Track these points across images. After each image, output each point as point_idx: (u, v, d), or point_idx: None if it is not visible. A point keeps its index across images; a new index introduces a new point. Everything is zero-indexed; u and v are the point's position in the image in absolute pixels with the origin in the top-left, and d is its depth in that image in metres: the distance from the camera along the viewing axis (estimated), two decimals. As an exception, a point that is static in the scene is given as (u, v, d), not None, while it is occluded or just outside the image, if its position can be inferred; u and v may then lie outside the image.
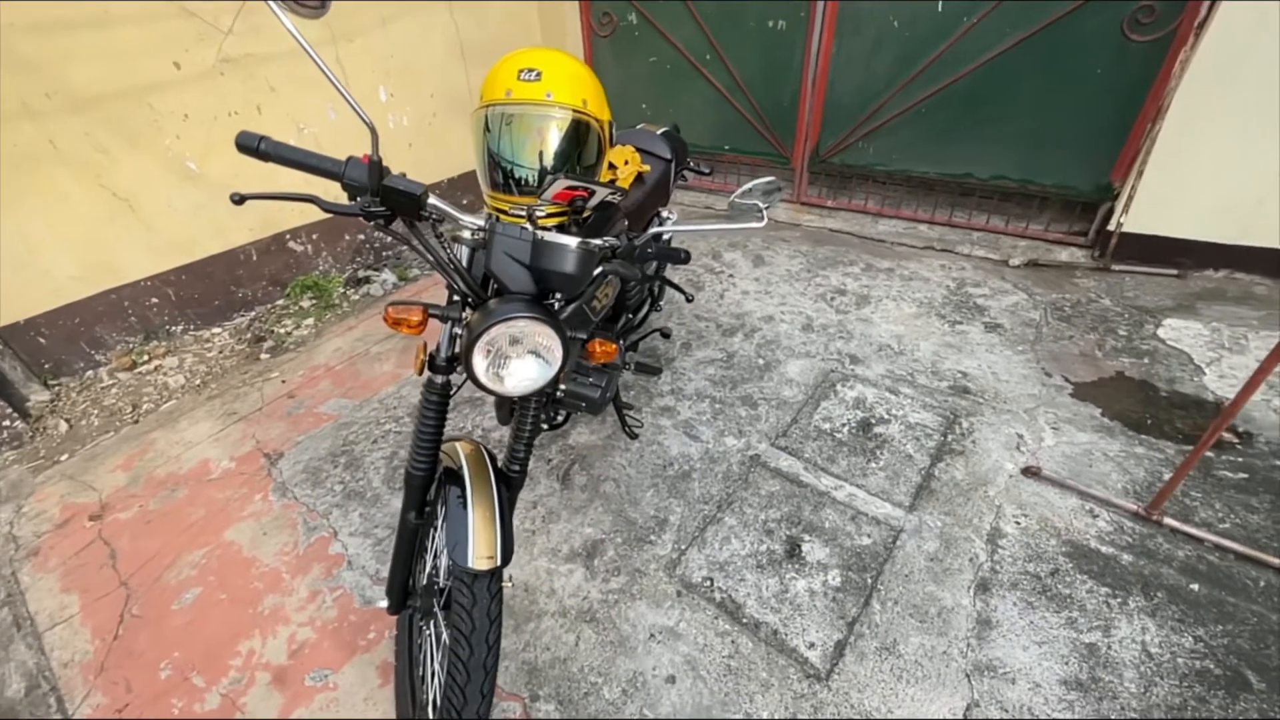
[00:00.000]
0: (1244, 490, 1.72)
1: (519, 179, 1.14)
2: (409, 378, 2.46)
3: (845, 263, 3.12)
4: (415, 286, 3.19)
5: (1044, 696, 1.30)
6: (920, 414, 2.08)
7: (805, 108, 3.29)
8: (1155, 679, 1.31)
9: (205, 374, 2.57)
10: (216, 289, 2.81)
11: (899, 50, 2.93)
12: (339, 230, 3.19)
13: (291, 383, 2.49)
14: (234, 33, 2.55)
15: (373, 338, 2.75)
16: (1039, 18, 2.58)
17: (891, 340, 2.48)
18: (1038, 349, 2.37)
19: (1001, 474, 1.83)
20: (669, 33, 3.47)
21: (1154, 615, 1.43)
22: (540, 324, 0.94)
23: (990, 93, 2.81)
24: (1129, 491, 1.74)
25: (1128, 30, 2.44)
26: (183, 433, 2.24)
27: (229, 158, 2.67)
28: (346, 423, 2.24)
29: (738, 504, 1.80)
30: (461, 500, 1.05)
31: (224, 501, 1.93)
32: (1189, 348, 2.29)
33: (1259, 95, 2.25)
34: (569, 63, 1.14)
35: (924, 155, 3.13)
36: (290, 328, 2.85)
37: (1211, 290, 2.61)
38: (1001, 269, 2.95)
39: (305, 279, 3.03)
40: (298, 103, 2.83)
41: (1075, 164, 2.78)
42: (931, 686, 1.33)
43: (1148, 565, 1.54)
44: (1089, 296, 2.68)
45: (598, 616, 1.51)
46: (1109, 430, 1.96)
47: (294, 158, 0.91)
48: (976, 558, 1.59)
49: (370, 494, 1.92)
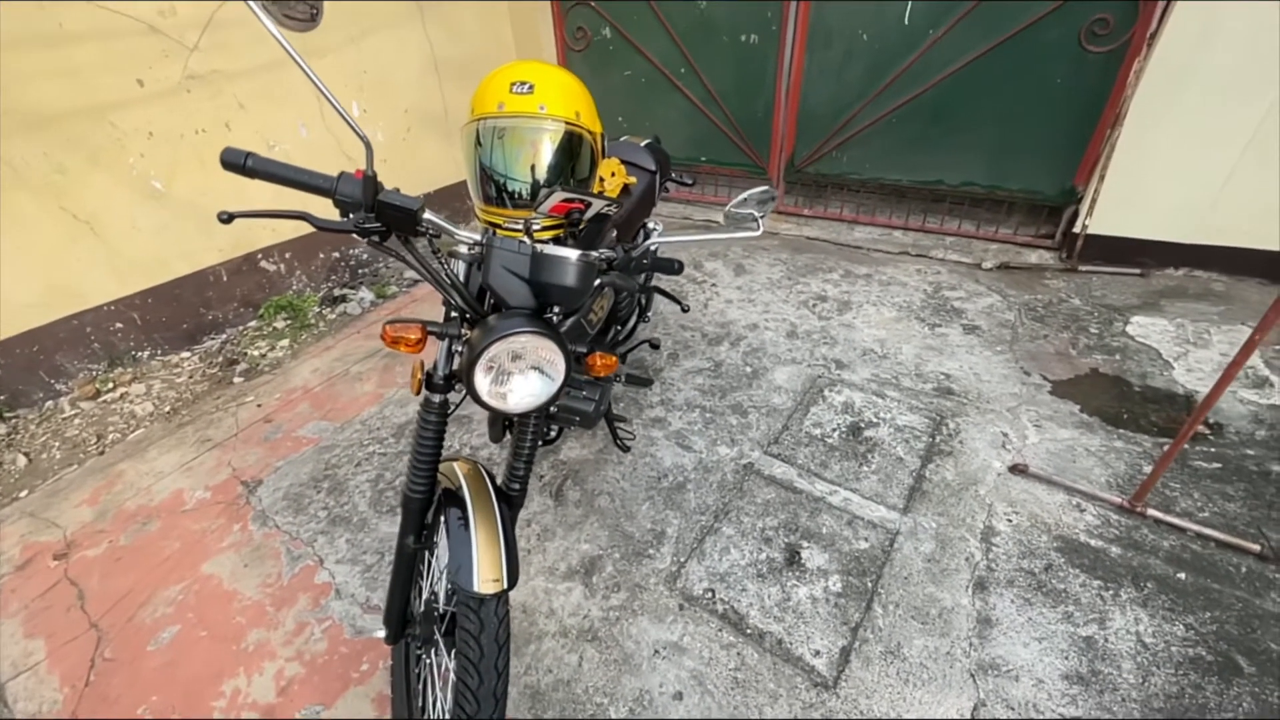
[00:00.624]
0: (1219, 479, 1.78)
1: (512, 192, 1.13)
2: (391, 397, 2.40)
3: (824, 270, 3.16)
4: (394, 304, 3.13)
5: (1047, 692, 1.31)
6: (908, 416, 2.11)
7: (780, 119, 3.35)
8: (1152, 669, 1.34)
9: (175, 400, 2.47)
10: (185, 312, 2.71)
11: (869, 62, 3.01)
12: (313, 248, 3.11)
13: (268, 407, 2.40)
14: (200, 49, 2.48)
15: (352, 357, 2.69)
16: (1001, 30, 2.68)
17: (875, 344, 2.52)
18: (1015, 349, 2.43)
19: (990, 473, 1.87)
20: (643, 47, 3.50)
21: (1145, 605, 1.46)
22: (543, 338, 0.92)
23: (957, 102, 2.90)
24: (1112, 485, 1.79)
25: (1085, 41, 2.55)
26: (153, 463, 2.15)
27: (196, 176, 2.59)
28: (328, 446, 2.17)
29: (734, 513, 1.79)
30: (463, 522, 1.01)
31: (200, 533, 1.85)
32: (1157, 343, 2.38)
33: (1209, 101, 2.37)
34: (561, 75, 1.14)
35: (896, 163, 3.21)
36: (264, 350, 2.76)
37: (1173, 288, 2.72)
38: (975, 272, 3.03)
39: (279, 299, 2.94)
40: (268, 119, 2.77)
41: (1040, 169, 2.88)
42: (938, 688, 1.33)
43: (1135, 556, 1.58)
44: (1059, 297, 2.77)
45: (600, 635, 1.48)
46: (1089, 426, 2.02)
47: (283, 174, 0.88)
48: (972, 557, 1.61)
49: (356, 519, 1.86)
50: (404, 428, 2.22)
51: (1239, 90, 2.31)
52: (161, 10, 2.34)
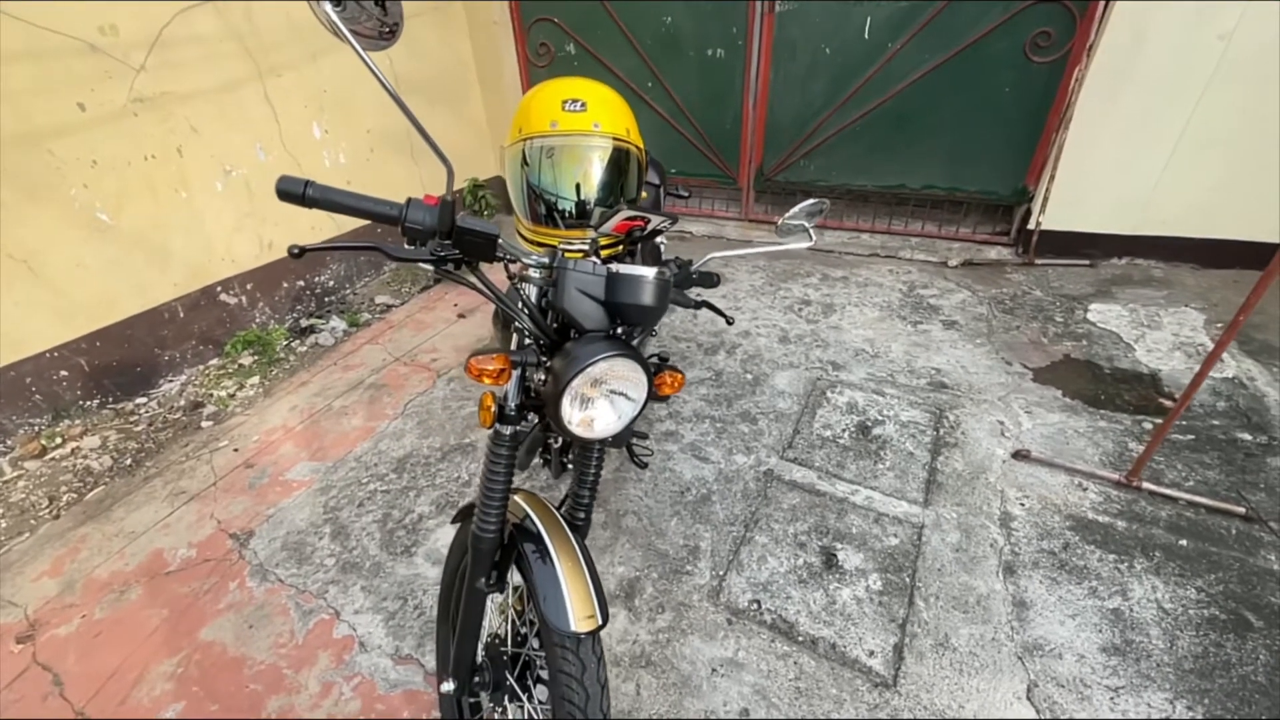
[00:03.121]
0: (1195, 450, 1.94)
1: (563, 211, 1.09)
2: (384, 430, 2.27)
3: (802, 274, 3.25)
4: (369, 332, 2.98)
5: (1090, 666, 1.37)
6: (910, 412, 2.19)
7: (748, 130, 3.43)
8: (1176, 632, 1.43)
9: (136, 452, 2.25)
10: (138, 354, 2.48)
11: (832, 74, 3.13)
12: (276, 277, 2.93)
13: (246, 450, 2.23)
14: (147, 69, 2.30)
15: (332, 391, 2.53)
16: (954, 43, 2.85)
17: (865, 344, 2.60)
18: (993, 340, 2.57)
19: (995, 460, 1.95)
20: (610, 62, 3.51)
21: (1158, 574, 1.56)
22: (630, 360, 0.89)
23: (916, 111, 3.06)
24: (1105, 462, 1.91)
25: (1030, 53, 2.75)
26: (120, 523, 1.94)
27: (146, 206, 2.39)
28: (323, 487, 2.03)
29: (764, 521, 1.79)
30: (541, 557, 0.96)
31: (191, 596, 1.68)
32: (1116, 328, 2.57)
33: (1143, 104, 2.60)
34: (607, 92, 1.12)
35: (861, 169, 3.35)
36: (232, 389, 2.56)
37: (1120, 276, 2.96)
38: (943, 270, 3.20)
39: (245, 334, 2.74)
40: (223, 143, 2.59)
41: (994, 171, 3.07)
42: (991, 675, 1.37)
43: (1140, 528, 1.69)
44: (1022, 289, 2.95)
45: (653, 659, 1.44)
46: (1073, 409, 2.15)
47: (345, 202, 0.82)
48: (996, 543, 1.68)
49: (369, 564, 1.74)
50: (404, 462, 2.11)
51: (1168, 93, 2.55)
52: (102, 28, 2.16)
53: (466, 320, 3.02)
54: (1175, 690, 1.31)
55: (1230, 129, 2.52)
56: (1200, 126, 2.56)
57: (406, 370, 2.64)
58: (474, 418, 2.30)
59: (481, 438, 2.19)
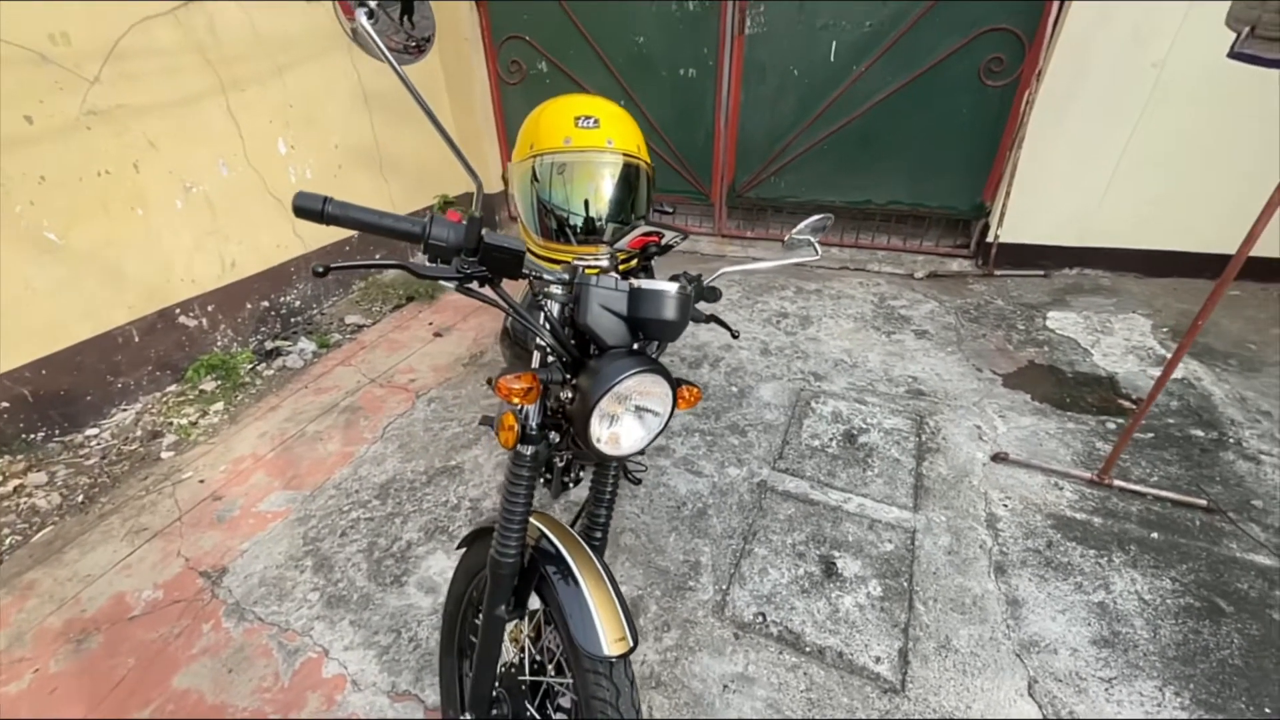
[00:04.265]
0: (1156, 447, 2.06)
1: (575, 227, 1.09)
2: (363, 455, 2.18)
3: (777, 288, 3.32)
4: (340, 353, 2.87)
5: (1084, 660, 1.43)
6: (892, 419, 2.25)
7: (720, 148, 3.51)
8: (1158, 622, 1.50)
9: (89, 487, 2.09)
10: (88, 381, 2.32)
11: (800, 95, 3.24)
12: (239, 298, 2.79)
13: (213, 481, 2.10)
14: (102, 81, 2.18)
15: (305, 415, 2.42)
16: (914, 67, 3.00)
17: (843, 355, 2.67)
18: (963, 348, 2.68)
19: (976, 464, 2.03)
20: (583, 80, 3.54)
21: (1136, 566, 1.64)
22: (656, 375, 0.89)
23: (880, 130, 3.20)
24: (1077, 461, 2.01)
25: (984, 77, 2.92)
26: (74, 565, 1.79)
27: (99, 224, 2.25)
28: (301, 518, 1.93)
29: (761, 532, 1.80)
30: (564, 579, 0.94)
31: (160, 642, 1.56)
32: (1073, 334, 2.72)
33: (1088, 125, 2.79)
34: (618, 109, 1.12)
35: (829, 186, 3.46)
36: (194, 416, 2.41)
37: (1072, 285, 3.14)
38: (910, 282, 3.32)
39: (207, 358, 2.60)
40: (183, 158, 2.47)
41: (954, 187, 3.23)
42: (993, 673, 1.41)
43: (1115, 524, 1.78)
44: (985, 299, 3.09)
45: (663, 679, 1.42)
46: (1042, 412, 2.26)
47: (367, 219, 0.79)
48: (985, 544, 1.73)
49: (357, 596, 1.66)
50: (387, 487, 2.03)
51: (1109, 116, 2.75)
52: (53, 36, 2.04)
53: (443, 339, 2.95)
54: (1163, 678, 1.38)
55: (1166, 149, 2.73)
56: (1138, 146, 2.76)
57: (383, 392, 2.55)
58: (459, 439, 2.24)
59: (468, 459, 2.14)
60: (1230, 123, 2.60)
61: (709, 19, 3.20)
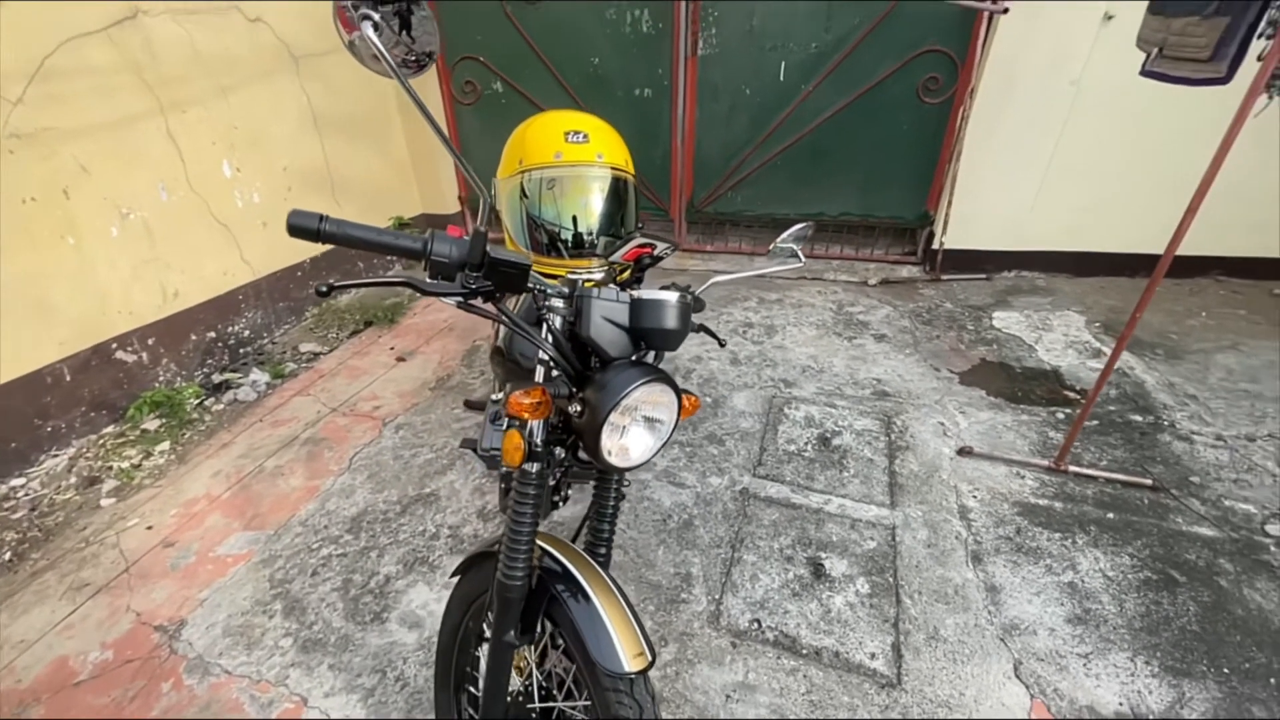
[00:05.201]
0: (1101, 433, 2.20)
1: (566, 241, 1.08)
2: (329, 489, 2.08)
3: (740, 299, 3.39)
4: (297, 383, 2.73)
5: (1062, 638, 1.50)
6: (862, 421, 2.32)
7: (677, 164, 3.58)
8: (1123, 596, 1.60)
9: (17, 543, 1.90)
10: (14, 426, 2.12)
11: (753, 113, 3.36)
12: (182, 330, 2.63)
13: (163, 527, 1.95)
14: (25, 102, 2.03)
15: (262, 450, 2.29)
16: (857, 86, 3.17)
17: (809, 361, 2.75)
18: (920, 350, 2.81)
19: (944, 459, 2.12)
20: (539, 100, 3.55)
21: (1097, 546, 1.75)
22: (663, 385, 0.89)
23: (830, 145, 3.35)
24: (1034, 451, 2.13)
25: (922, 95, 3.11)
26: (5, 630, 1.62)
27: (24, 255, 2.08)
28: (266, 559, 1.81)
29: (748, 539, 1.82)
30: (575, 597, 0.92)
31: (114, 706, 1.43)
32: (1018, 332, 2.90)
33: (1016, 139, 3.01)
34: (604, 123, 1.14)
35: (783, 199, 3.59)
36: (136, 459, 2.24)
37: (1011, 287, 3.35)
38: (864, 289, 3.46)
39: (149, 395, 2.42)
40: (118, 183, 2.32)
41: (900, 198, 3.41)
42: (981, 659, 1.46)
43: (1074, 507, 1.89)
44: (934, 303, 3.26)
45: (665, 695, 1.40)
46: (998, 406, 2.39)
47: (365, 237, 0.77)
48: (960, 535, 1.80)
49: (335, 638, 1.57)
50: (359, 520, 1.94)
51: (1036, 129, 2.97)
52: (-31, 57, 1.89)
53: (407, 364, 2.86)
54: (1133, 649, 1.46)
55: (1087, 159, 2.97)
56: (1062, 157, 3.00)
57: (347, 421, 2.44)
58: (431, 465, 2.17)
59: (444, 485, 2.07)
60: (1143, 134, 2.86)
61: (662, 41, 3.28)
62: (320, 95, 3.11)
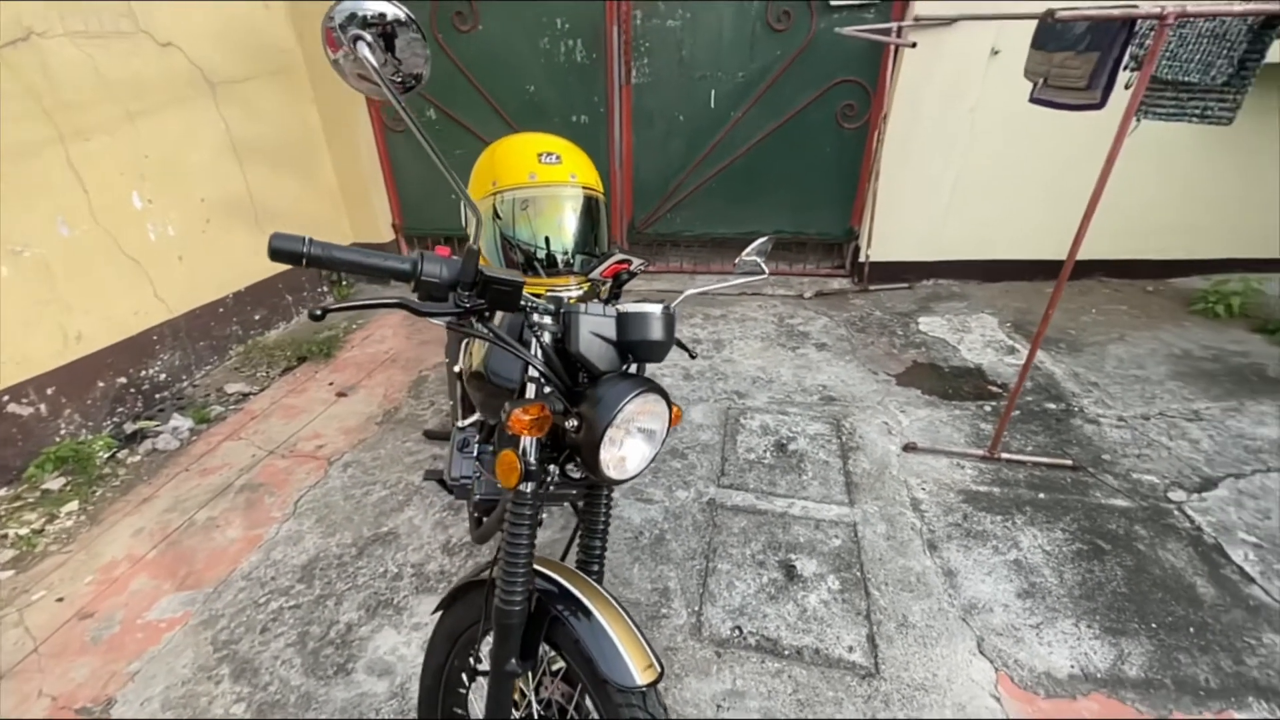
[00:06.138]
0: (1024, 421, 2.42)
1: (542, 260, 1.09)
2: (274, 537, 1.93)
3: (686, 315, 3.48)
4: (225, 427, 2.53)
5: (1014, 612, 1.62)
6: (814, 425, 2.43)
7: (617, 188, 3.65)
8: (1061, 568, 1.74)
9: (-111, 633, 1.63)
10: (-121, 498, 1.83)
11: (687, 138, 3.50)
12: (87, 376, 2.38)
13: (77, 597, 1.74)
14: (-105, 130, 1.81)
15: (191, 502, 2.09)
16: (782, 113, 3.38)
17: (758, 372, 2.85)
18: (858, 355, 2.98)
19: (892, 456, 2.25)
20: (474, 128, 3.54)
21: (1034, 524, 1.91)
22: (655, 395, 0.91)
23: (760, 168, 3.53)
24: (969, 442, 2.30)
25: (840, 121, 3.36)
26: (-120, 737, 1.38)
27: (-105, 301, 1.83)
28: (206, 620, 1.65)
29: (720, 548, 1.85)
30: (578, 616, 0.91)
31: (31, 808, 1.24)
32: (942, 335, 3.14)
33: (925, 160, 3.30)
34: (572, 145, 1.16)
35: (720, 219, 3.74)
36: (38, 523, 1.99)
37: (931, 294, 3.63)
38: (801, 301, 3.64)
39: (51, 450, 2.16)
40: (11, 218, 2.10)
41: (827, 216, 3.63)
42: (948, 640, 1.55)
43: (1009, 490, 2.05)
44: (865, 312, 3.47)
45: (657, 713, 1.39)
46: (933, 404, 2.57)
47: (351, 259, 0.75)
48: (915, 525, 1.92)
49: (295, 697, 1.45)
50: (310, 568, 1.81)
51: (941, 151, 3.27)
52: None
53: (349, 399, 2.71)
54: (1075, 615, 1.60)
55: (986, 177, 3.30)
56: (965, 177, 3.31)
57: (287, 463, 2.28)
58: (386, 502, 2.06)
59: (402, 522, 1.97)
60: (1034, 155, 3.21)
61: (596, 70, 3.37)
62: (240, 122, 2.95)
